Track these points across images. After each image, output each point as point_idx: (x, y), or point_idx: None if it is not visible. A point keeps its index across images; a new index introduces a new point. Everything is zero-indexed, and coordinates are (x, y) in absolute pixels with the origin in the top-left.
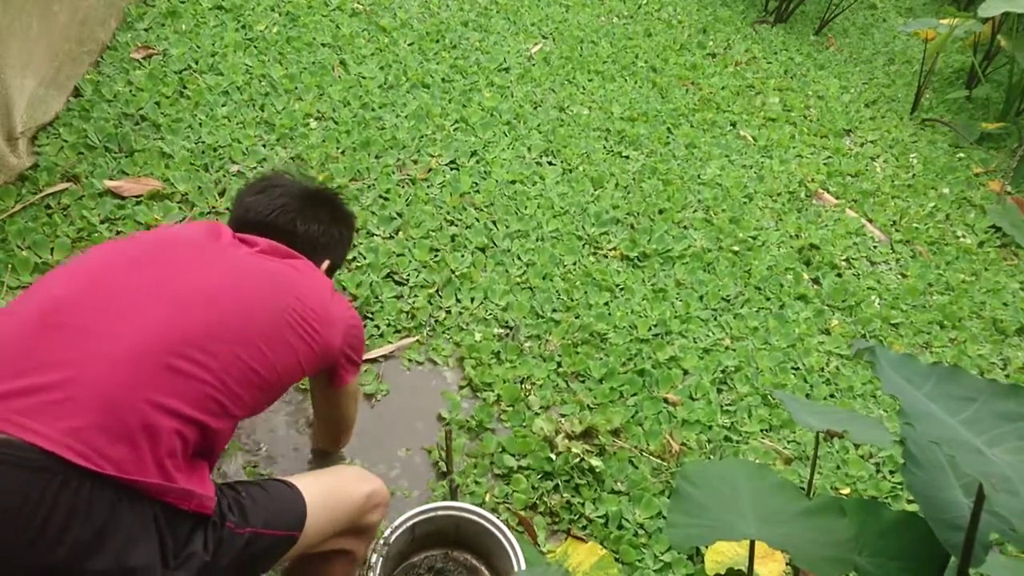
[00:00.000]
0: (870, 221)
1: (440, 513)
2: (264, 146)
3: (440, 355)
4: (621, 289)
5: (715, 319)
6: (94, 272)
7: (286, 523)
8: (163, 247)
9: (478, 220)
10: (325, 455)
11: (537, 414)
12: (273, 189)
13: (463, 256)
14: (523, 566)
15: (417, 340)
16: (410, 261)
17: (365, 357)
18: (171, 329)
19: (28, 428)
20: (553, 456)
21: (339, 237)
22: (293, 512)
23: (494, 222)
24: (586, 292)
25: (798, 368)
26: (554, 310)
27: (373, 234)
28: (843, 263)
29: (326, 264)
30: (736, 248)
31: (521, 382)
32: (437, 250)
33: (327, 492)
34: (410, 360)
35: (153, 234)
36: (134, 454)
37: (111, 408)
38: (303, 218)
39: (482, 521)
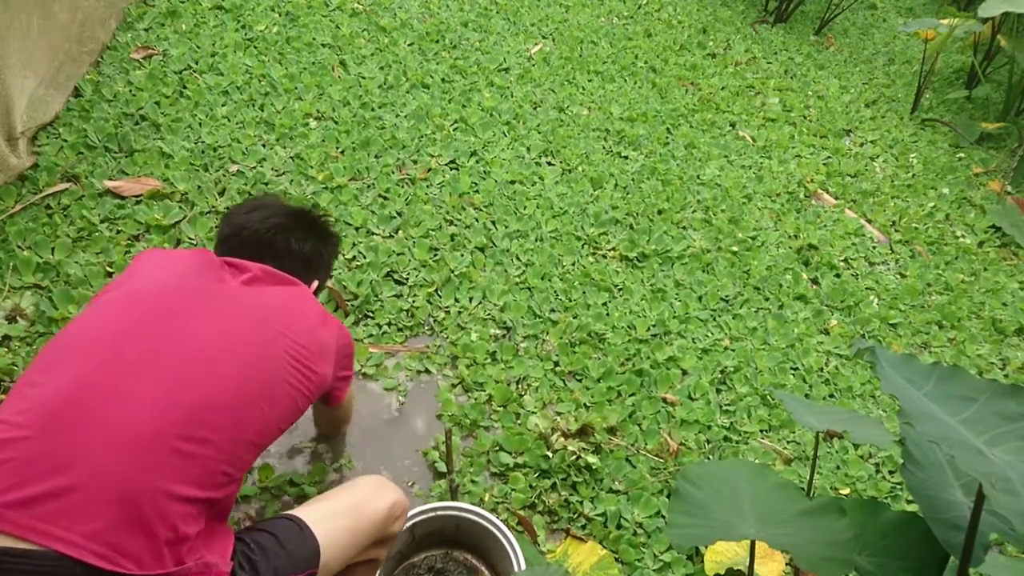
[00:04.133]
0: (869, 221)
1: (440, 513)
2: (264, 146)
3: (439, 356)
4: (620, 289)
5: (714, 319)
6: (108, 340)
7: (299, 565)
8: (164, 305)
9: (477, 220)
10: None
11: (532, 412)
12: (265, 208)
13: (462, 256)
14: (523, 566)
15: (425, 347)
16: (409, 260)
17: (366, 357)
18: (174, 409)
19: (52, 536)
20: (549, 454)
21: (327, 256)
22: (304, 553)
23: (493, 222)
24: (584, 292)
25: (797, 368)
26: (552, 310)
27: (373, 233)
28: (842, 263)
29: (315, 285)
30: (735, 248)
31: (517, 383)
32: (436, 250)
33: (348, 515)
34: (409, 360)
35: (152, 279)
36: (150, 544)
37: (126, 500)
38: (296, 237)
39: (482, 521)
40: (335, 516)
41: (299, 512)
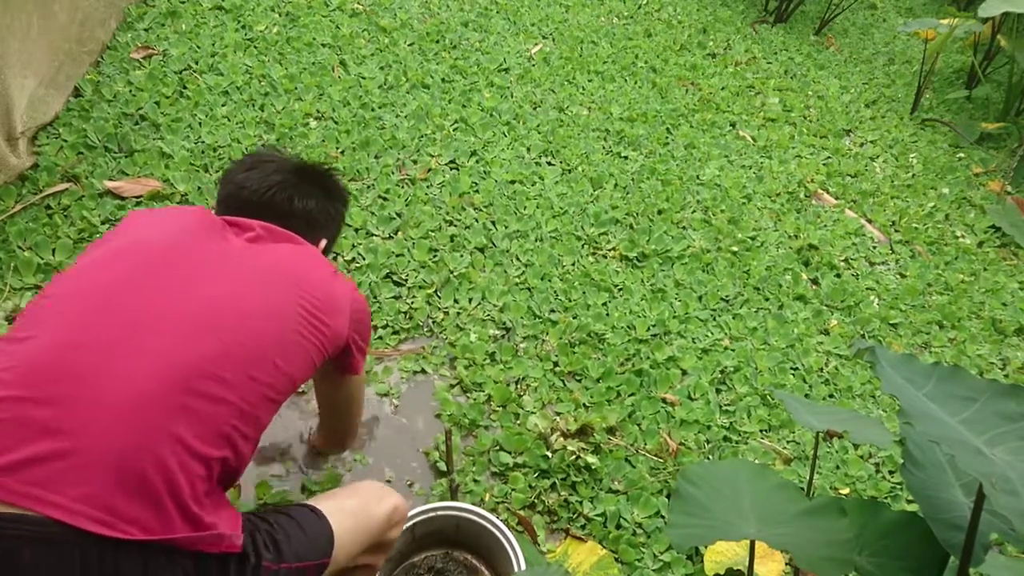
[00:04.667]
0: (869, 221)
1: (440, 513)
2: (264, 146)
3: (436, 356)
4: (620, 289)
5: (714, 319)
6: (101, 291)
7: (317, 552)
8: (163, 257)
9: (477, 220)
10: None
11: (532, 412)
12: (266, 165)
13: (462, 256)
14: (523, 566)
15: (421, 348)
16: (409, 261)
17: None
18: (180, 364)
19: (44, 500)
20: (549, 454)
21: (334, 213)
22: (322, 540)
23: (493, 222)
24: (584, 292)
25: (797, 368)
26: (552, 310)
27: (372, 234)
28: (842, 263)
29: (323, 243)
30: (735, 248)
31: (516, 383)
32: (436, 250)
33: (353, 515)
34: (407, 362)
35: (150, 233)
36: (157, 510)
37: (126, 464)
38: (299, 195)
39: (482, 521)
40: (343, 513)
41: (312, 502)
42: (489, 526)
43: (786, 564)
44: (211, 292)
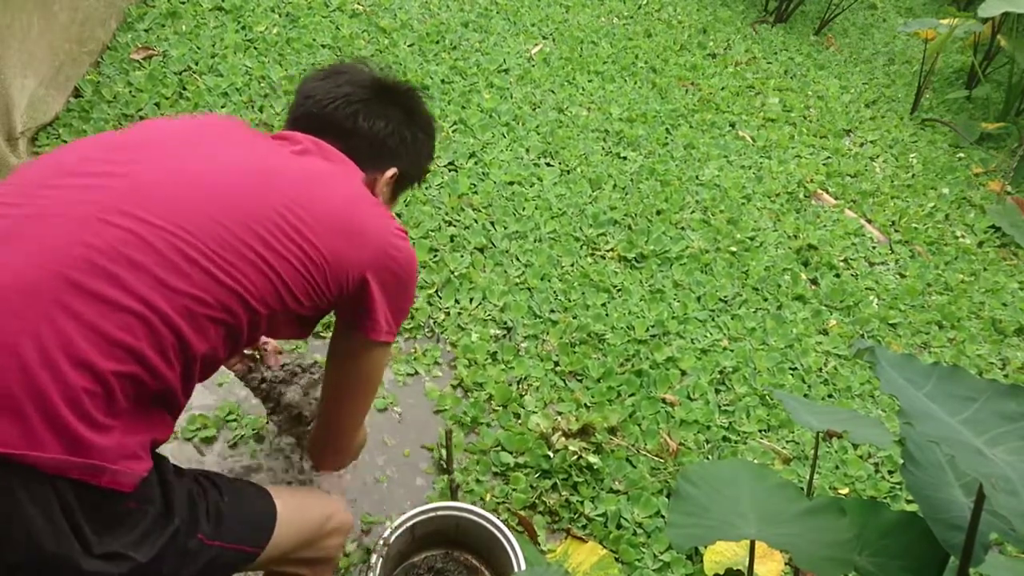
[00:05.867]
0: (869, 221)
1: (440, 513)
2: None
3: (435, 356)
4: (619, 290)
5: (713, 320)
6: (46, 168)
7: (256, 538)
8: (144, 135)
9: (476, 221)
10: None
11: (533, 412)
12: (339, 76)
13: (462, 257)
14: (523, 566)
15: (421, 348)
16: None
17: None
18: (66, 255)
19: None
20: (550, 454)
21: (410, 140)
22: (265, 526)
23: (492, 223)
24: (584, 293)
25: (796, 368)
26: (552, 311)
27: None
28: (841, 263)
29: (391, 172)
30: (734, 249)
31: (517, 383)
32: (436, 250)
33: (294, 508)
34: (407, 362)
35: (160, 123)
36: (19, 424)
37: None
38: (368, 112)
39: (482, 521)
40: (282, 504)
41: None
42: (489, 526)
43: (786, 564)
44: (158, 173)
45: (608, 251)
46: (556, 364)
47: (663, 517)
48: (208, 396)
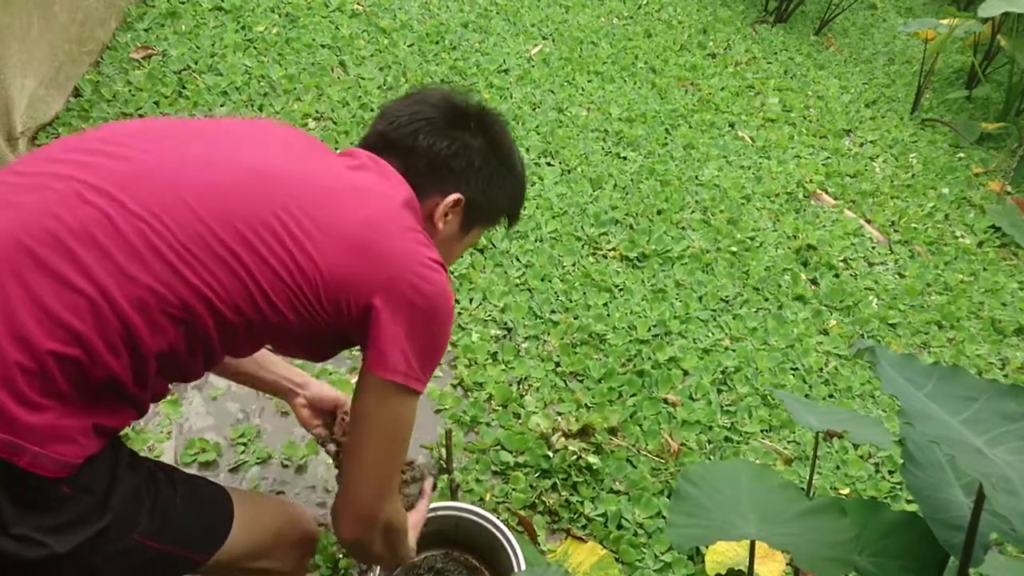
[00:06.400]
0: (868, 221)
1: (440, 513)
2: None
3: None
4: (620, 290)
5: (714, 319)
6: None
7: (204, 544)
8: (170, 124)
9: None
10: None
11: (533, 412)
12: (413, 97)
13: (462, 257)
14: (523, 566)
15: None
16: None
17: None
18: (27, 225)
19: None
20: (550, 454)
21: (479, 165)
22: (217, 531)
23: None
24: (585, 293)
25: (797, 368)
26: (552, 311)
27: None
28: (841, 264)
29: (454, 197)
30: (734, 249)
31: (518, 383)
32: None
33: (251, 515)
34: None
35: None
36: None
37: None
38: (430, 131)
39: (482, 521)
40: (242, 505)
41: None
42: (489, 526)
43: (786, 564)
44: (157, 161)
45: (609, 251)
46: (557, 364)
47: (664, 517)
48: (207, 418)
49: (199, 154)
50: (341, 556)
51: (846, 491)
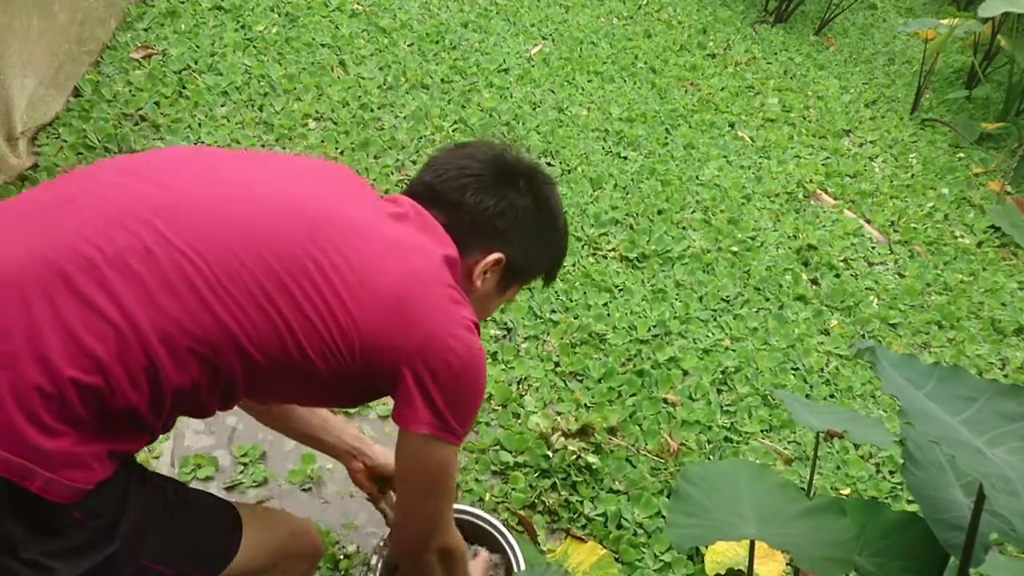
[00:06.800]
0: (868, 222)
1: None
2: (263, 146)
3: None
4: (620, 290)
5: (714, 320)
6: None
7: (212, 565)
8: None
9: None
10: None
11: (533, 412)
12: (462, 149)
13: None
14: (523, 567)
15: None
16: None
17: None
18: (64, 247)
19: None
20: (550, 454)
21: (525, 225)
22: (225, 552)
23: None
24: (585, 293)
25: (798, 368)
26: (552, 311)
27: None
28: (841, 264)
29: (495, 256)
30: (735, 249)
31: (517, 383)
32: None
33: (258, 528)
34: None
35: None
36: None
37: None
38: (478, 187)
39: (480, 522)
40: (249, 520)
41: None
42: (488, 527)
43: (786, 564)
44: (202, 192)
45: (610, 251)
46: (556, 364)
47: (664, 517)
48: (207, 438)
49: (242, 189)
50: (342, 557)
51: (847, 491)
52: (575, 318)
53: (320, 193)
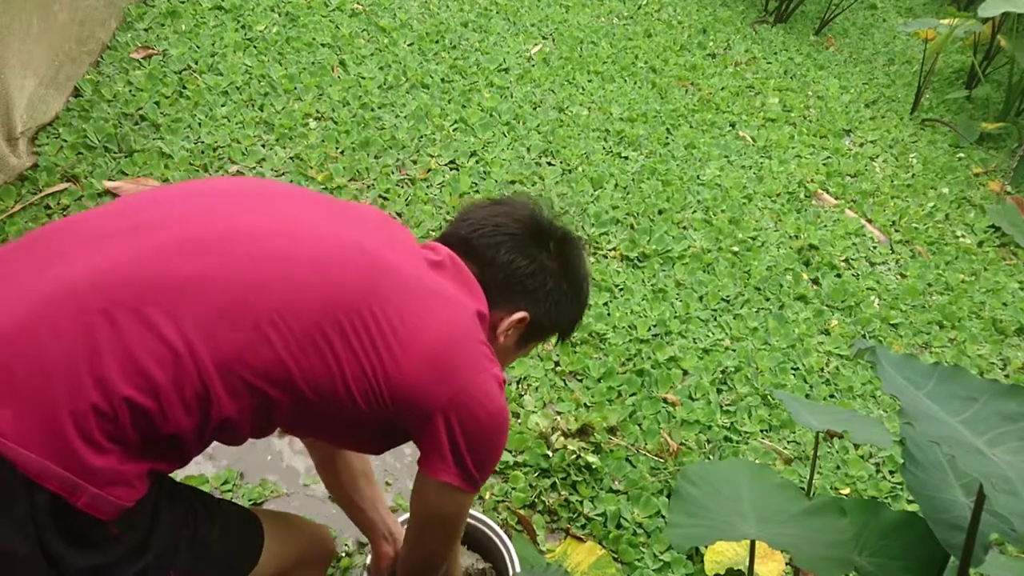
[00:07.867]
0: (869, 221)
1: None
2: (263, 146)
3: None
4: (621, 289)
5: (715, 319)
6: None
7: (235, 572)
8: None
9: None
10: None
11: (533, 412)
12: (499, 206)
13: None
14: (517, 568)
15: None
16: None
17: None
18: (152, 264)
19: None
20: (549, 453)
21: (551, 288)
22: (248, 561)
23: None
24: None
25: (798, 368)
26: None
27: None
28: (842, 263)
29: (520, 315)
30: (735, 248)
31: (517, 382)
32: None
33: (279, 537)
34: None
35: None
36: (14, 412)
37: (40, 375)
38: (512, 247)
39: (476, 523)
40: (269, 528)
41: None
42: (483, 527)
43: (786, 564)
44: (273, 226)
45: (610, 250)
46: (556, 364)
47: (663, 517)
48: (207, 464)
49: (310, 228)
50: (343, 556)
51: (846, 491)
52: None
53: (374, 237)
